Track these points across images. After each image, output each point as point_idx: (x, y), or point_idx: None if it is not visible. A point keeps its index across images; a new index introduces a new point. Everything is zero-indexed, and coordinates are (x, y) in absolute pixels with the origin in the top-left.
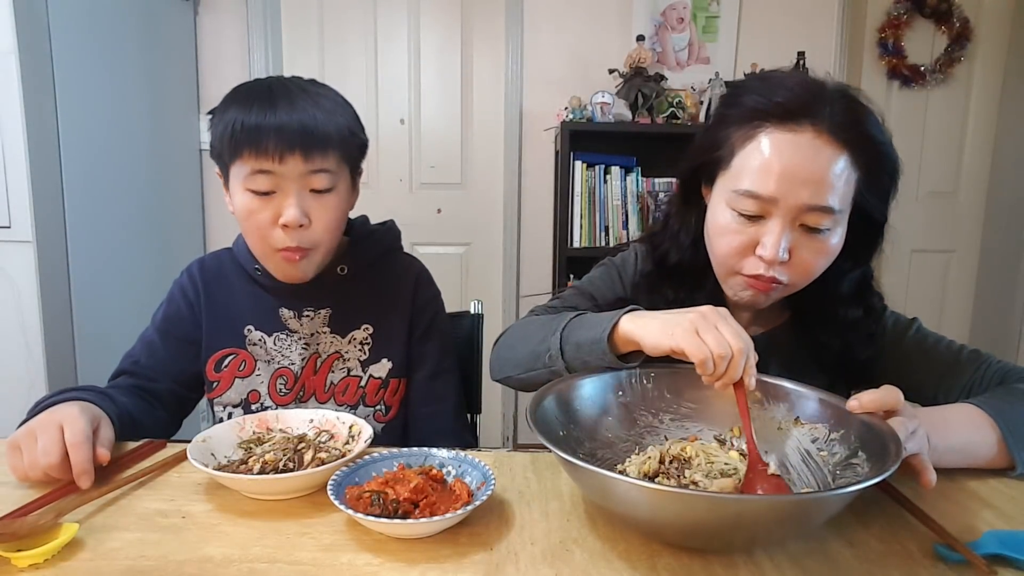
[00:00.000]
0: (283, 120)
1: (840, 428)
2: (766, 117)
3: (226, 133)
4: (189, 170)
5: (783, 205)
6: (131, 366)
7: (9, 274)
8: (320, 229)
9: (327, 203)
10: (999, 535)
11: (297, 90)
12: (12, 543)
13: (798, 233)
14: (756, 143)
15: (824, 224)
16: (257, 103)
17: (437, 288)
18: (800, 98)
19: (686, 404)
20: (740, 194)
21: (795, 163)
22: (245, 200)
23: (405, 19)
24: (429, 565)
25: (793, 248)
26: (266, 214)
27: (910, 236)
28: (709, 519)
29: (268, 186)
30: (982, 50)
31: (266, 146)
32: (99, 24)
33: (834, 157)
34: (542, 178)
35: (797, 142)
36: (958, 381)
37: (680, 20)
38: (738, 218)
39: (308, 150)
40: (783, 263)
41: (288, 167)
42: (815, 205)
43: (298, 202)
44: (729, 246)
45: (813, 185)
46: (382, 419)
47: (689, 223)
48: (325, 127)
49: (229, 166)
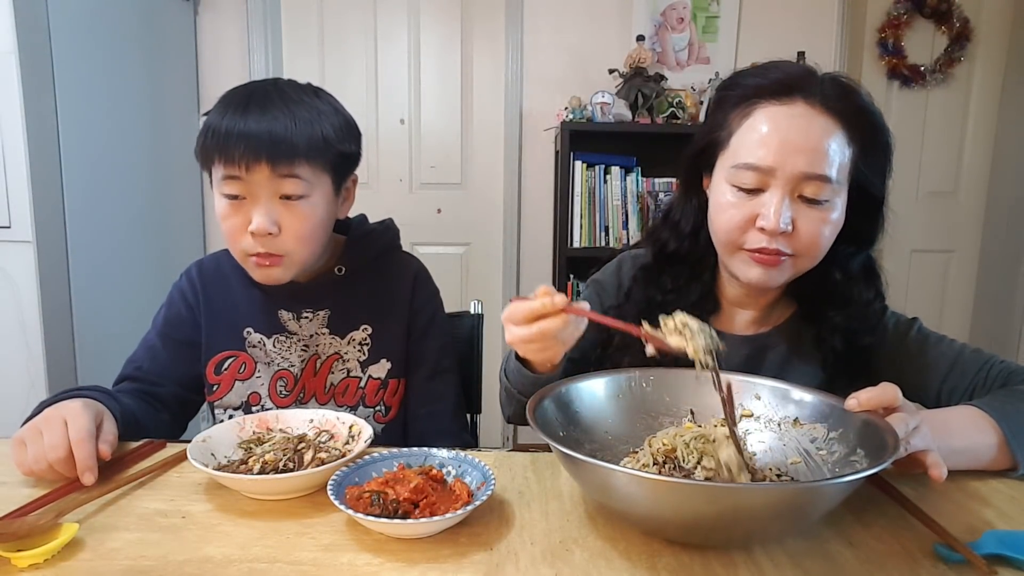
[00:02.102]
0: (251, 128)
1: (839, 427)
2: (761, 95)
3: (201, 137)
4: (189, 170)
5: (780, 175)
6: (134, 371)
7: (9, 274)
8: (290, 237)
9: (298, 212)
10: (999, 535)
11: (276, 97)
12: (12, 543)
13: (798, 204)
14: (752, 119)
15: (823, 195)
16: (231, 109)
17: (436, 287)
18: (793, 76)
19: (685, 407)
20: (739, 168)
21: (790, 133)
22: (220, 205)
23: (405, 19)
24: (429, 565)
25: (795, 219)
26: (237, 219)
27: (910, 236)
28: (708, 510)
29: (237, 191)
30: (982, 50)
31: (233, 153)
32: (99, 24)
33: (827, 127)
34: (542, 178)
35: (791, 113)
36: (961, 382)
37: (680, 20)
38: (738, 193)
39: (275, 159)
40: (786, 235)
41: (255, 175)
42: (812, 173)
43: (266, 211)
44: (731, 221)
45: (809, 153)
46: (382, 419)
47: (689, 213)
48: (293, 136)
49: (208, 170)
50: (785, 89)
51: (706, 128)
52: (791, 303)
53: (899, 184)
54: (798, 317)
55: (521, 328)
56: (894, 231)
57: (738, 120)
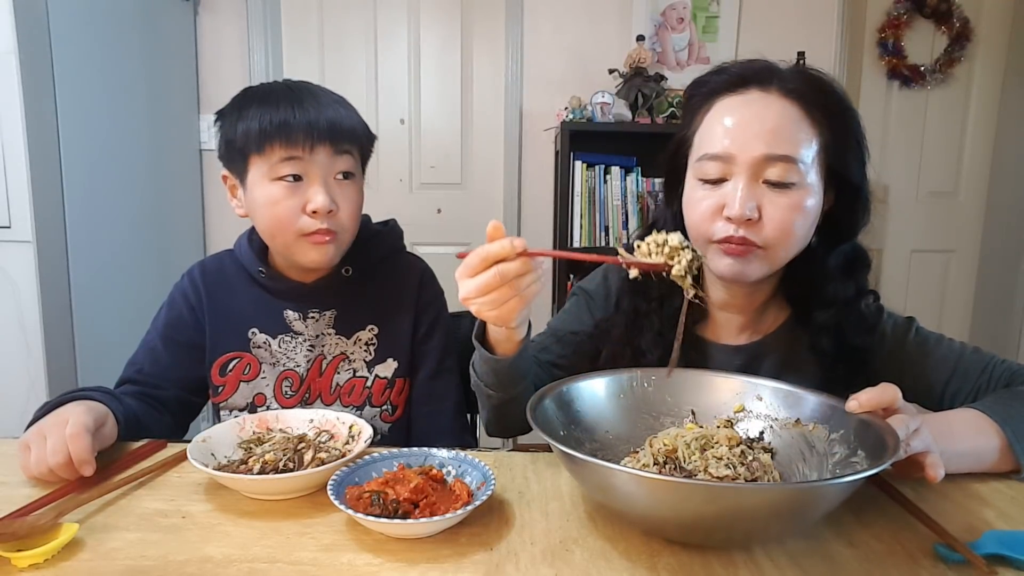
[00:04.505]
0: (312, 115)
1: (839, 428)
2: (720, 89)
3: (253, 129)
4: (189, 170)
5: (741, 160)
6: (135, 374)
7: (9, 274)
8: (346, 215)
9: (350, 191)
10: (999, 535)
11: (318, 90)
12: (12, 543)
13: (764, 189)
14: (711, 112)
15: (789, 177)
16: (284, 101)
17: (440, 287)
18: (749, 69)
19: (686, 407)
20: (702, 160)
21: (745, 118)
22: (271, 191)
23: (405, 19)
24: (429, 565)
25: (762, 206)
26: (293, 202)
27: (910, 236)
28: (708, 510)
29: (297, 170)
30: (982, 50)
31: (297, 137)
32: (99, 24)
33: (785, 109)
34: (542, 178)
35: (746, 101)
36: (965, 385)
37: (680, 20)
38: (703, 185)
39: (336, 139)
40: (753, 222)
41: (317, 156)
42: (772, 154)
43: (326, 189)
44: (699, 214)
45: (766, 135)
46: (388, 419)
47: (669, 220)
48: (350, 122)
49: (249, 162)
50: (740, 81)
51: (679, 131)
52: (784, 308)
53: (899, 184)
54: (791, 323)
55: (475, 278)
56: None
57: (700, 117)
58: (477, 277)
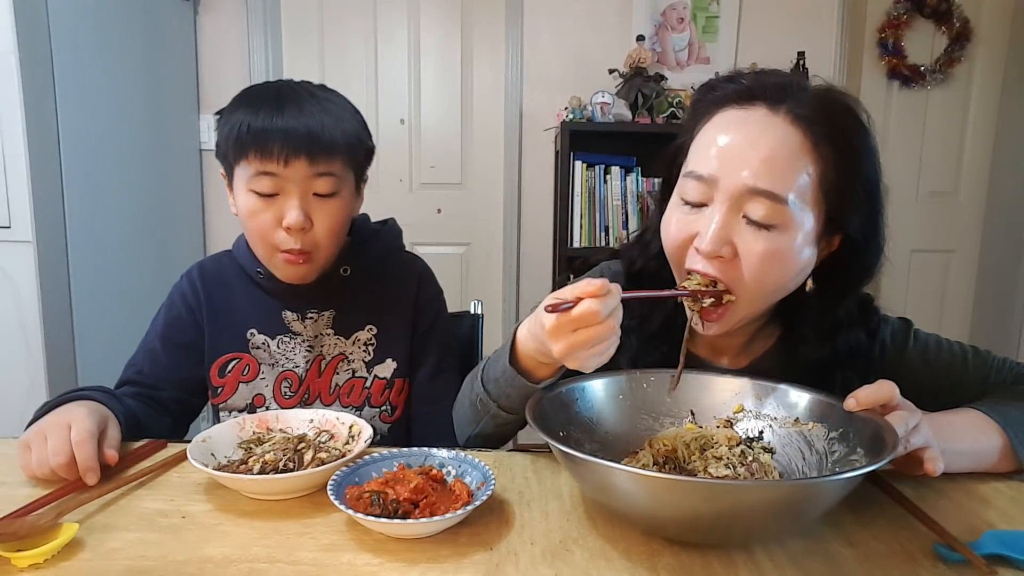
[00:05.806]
0: (290, 124)
1: (838, 427)
2: (726, 100)
3: (232, 134)
4: (189, 170)
5: (723, 187)
6: (134, 376)
7: (9, 274)
8: (322, 232)
9: (329, 207)
10: (999, 535)
11: (306, 95)
12: (12, 543)
13: (743, 226)
14: (710, 124)
15: (772, 219)
16: (265, 106)
17: (439, 287)
18: (763, 83)
19: (685, 408)
20: (686, 177)
21: (740, 138)
22: (249, 201)
23: (405, 19)
24: (429, 565)
25: (737, 243)
26: (268, 215)
27: (910, 236)
28: (707, 508)
29: (271, 188)
30: (982, 50)
31: (271, 149)
32: (99, 24)
33: (788, 136)
34: (542, 178)
35: (747, 118)
36: (969, 393)
37: (680, 20)
38: (683, 207)
39: (313, 155)
40: (724, 260)
41: (292, 170)
42: (756, 187)
43: (300, 205)
44: (671, 239)
45: (756, 164)
46: (388, 419)
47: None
48: (331, 133)
49: (234, 167)
50: (749, 94)
51: (679, 135)
52: (776, 327)
53: (899, 184)
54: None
55: (596, 327)
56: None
57: (701, 125)
58: (597, 327)
